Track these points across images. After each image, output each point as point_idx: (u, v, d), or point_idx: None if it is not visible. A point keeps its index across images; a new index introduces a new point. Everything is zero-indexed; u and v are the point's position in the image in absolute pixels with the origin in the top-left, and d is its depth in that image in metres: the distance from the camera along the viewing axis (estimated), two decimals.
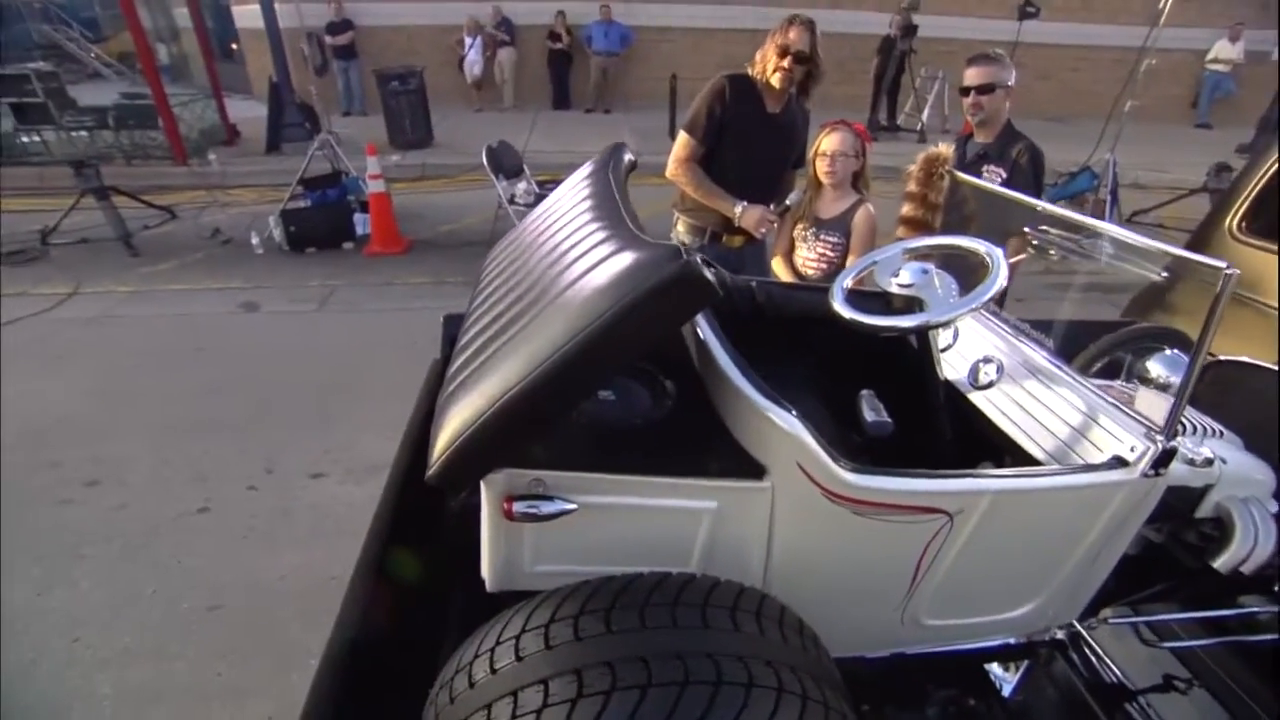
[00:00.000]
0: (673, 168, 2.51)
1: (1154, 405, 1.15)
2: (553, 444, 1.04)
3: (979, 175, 2.38)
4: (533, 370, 0.82)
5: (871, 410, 1.31)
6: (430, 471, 0.88)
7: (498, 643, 0.88)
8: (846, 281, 1.35)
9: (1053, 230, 1.42)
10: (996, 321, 1.50)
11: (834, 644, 1.06)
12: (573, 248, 1.04)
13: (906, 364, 1.40)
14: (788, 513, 1.07)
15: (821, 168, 2.33)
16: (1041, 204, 1.50)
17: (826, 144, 2.32)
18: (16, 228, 5.33)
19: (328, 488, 2.68)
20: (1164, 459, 1.09)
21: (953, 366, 1.48)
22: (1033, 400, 1.32)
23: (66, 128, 7.05)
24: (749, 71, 2.42)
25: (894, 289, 1.32)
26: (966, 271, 1.30)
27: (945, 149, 1.77)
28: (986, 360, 1.42)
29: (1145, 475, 1.10)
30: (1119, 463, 1.11)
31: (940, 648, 1.32)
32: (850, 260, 2.30)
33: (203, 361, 3.64)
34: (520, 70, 10.48)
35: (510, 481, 0.98)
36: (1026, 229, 1.48)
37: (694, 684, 0.79)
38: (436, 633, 1.20)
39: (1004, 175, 2.41)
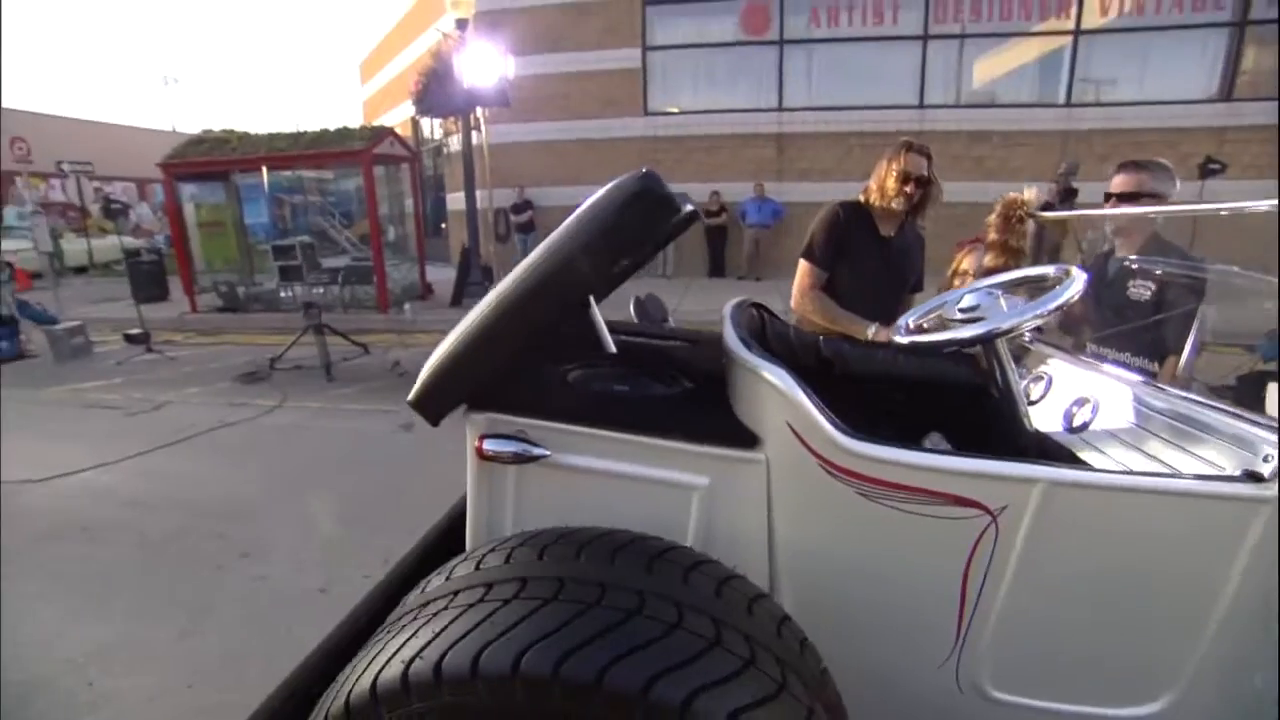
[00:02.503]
0: (798, 298, 2.51)
1: None
2: (541, 396, 1.04)
3: (1123, 295, 2.21)
4: (498, 300, 0.89)
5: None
6: (410, 396, 0.95)
7: (463, 561, 0.90)
8: (910, 320, 1.28)
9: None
10: (1093, 363, 1.31)
11: (869, 713, 0.89)
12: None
13: (988, 417, 1.25)
14: (786, 492, 0.94)
15: (959, 287, 2.28)
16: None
17: (967, 263, 2.27)
18: (257, 355, 6.61)
19: None
20: None
21: (1046, 417, 1.31)
22: (1134, 430, 1.09)
23: (309, 284, 8.82)
24: (860, 199, 2.48)
25: (957, 316, 1.21)
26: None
27: (1028, 193, 1.65)
28: (1080, 402, 1.22)
29: None
30: (1251, 478, 0.83)
31: None
32: None
33: (360, 468, 4.11)
34: (679, 242, 11.52)
35: (491, 425, 1.00)
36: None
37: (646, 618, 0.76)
38: None
39: (1152, 289, 2.14)
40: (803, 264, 2.51)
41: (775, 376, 0.94)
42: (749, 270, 11.18)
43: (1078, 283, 1.07)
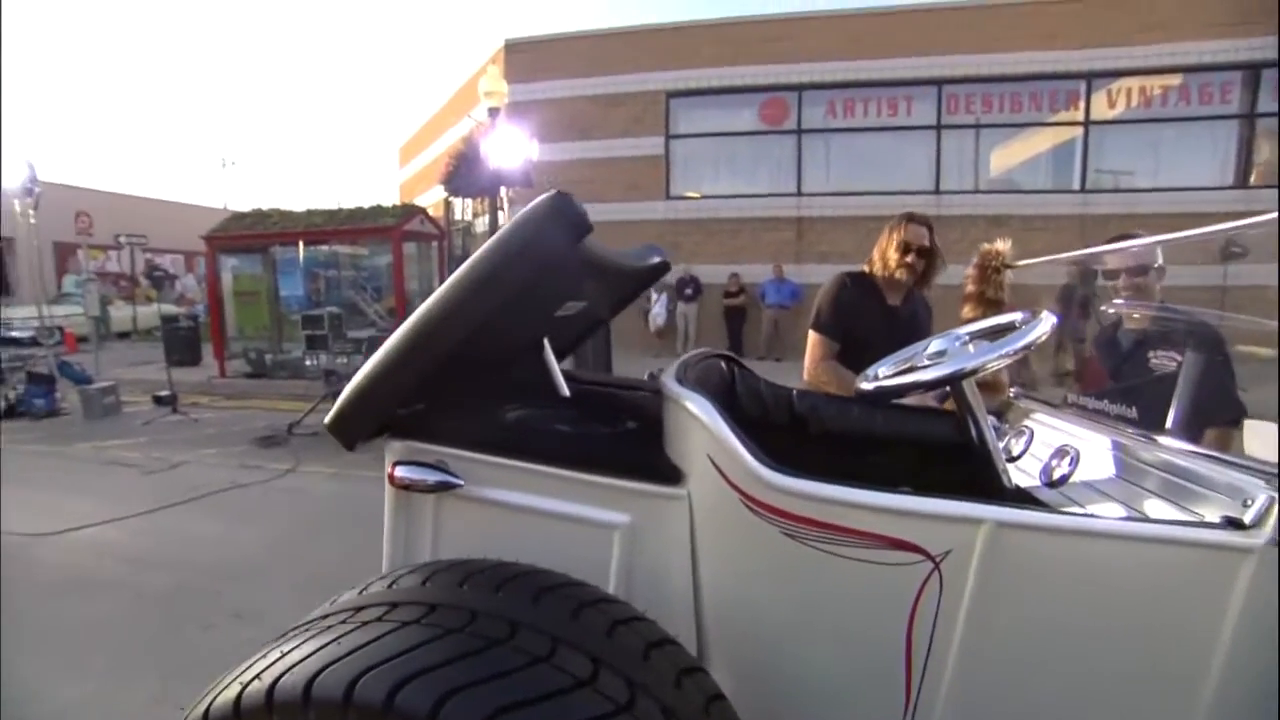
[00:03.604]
0: (811, 369, 2.47)
1: (1271, 439, 0.80)
2: (460, 425, 1.02)
3: (1144, 366, 2.15)
4: (407, 328, 0.89)
5: None
6: (326, 420, 0.96)
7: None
8: (880, 369, 1.23)
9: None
10: (1077, 419, 1.25)
11: None
12: None
13: (969, 475, 1.18)
14: (709, 531, 0.88)
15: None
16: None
17: None
18: (278, 420, 6.70)
19: None
20: None
21: (1026, 473, 1.24)
22: (1116, 481, 1.02)
23: (334, 353, 9.05)
24: (865, 270, 2.50)
25: (925, 363, 1.16)
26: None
27: (1000, 245, 1.60)
28: (1059, 454, 1.15)
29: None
30: (1232, 525, 0.75)
31: None
32: None
33: (365, 532, 4.07)
34: (700, 321, 11.67)
35: (410, 453, 0.99)
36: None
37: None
38: None
39: (1178, 359, 2.14)
40: (813, 335, 2.49)
41: (697, 406, 0.90)
42: (768, 351, 11.21)
43: (1045, 324, 1.04)
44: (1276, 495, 0.73)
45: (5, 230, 10.22)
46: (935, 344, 1.16)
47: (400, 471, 1.02)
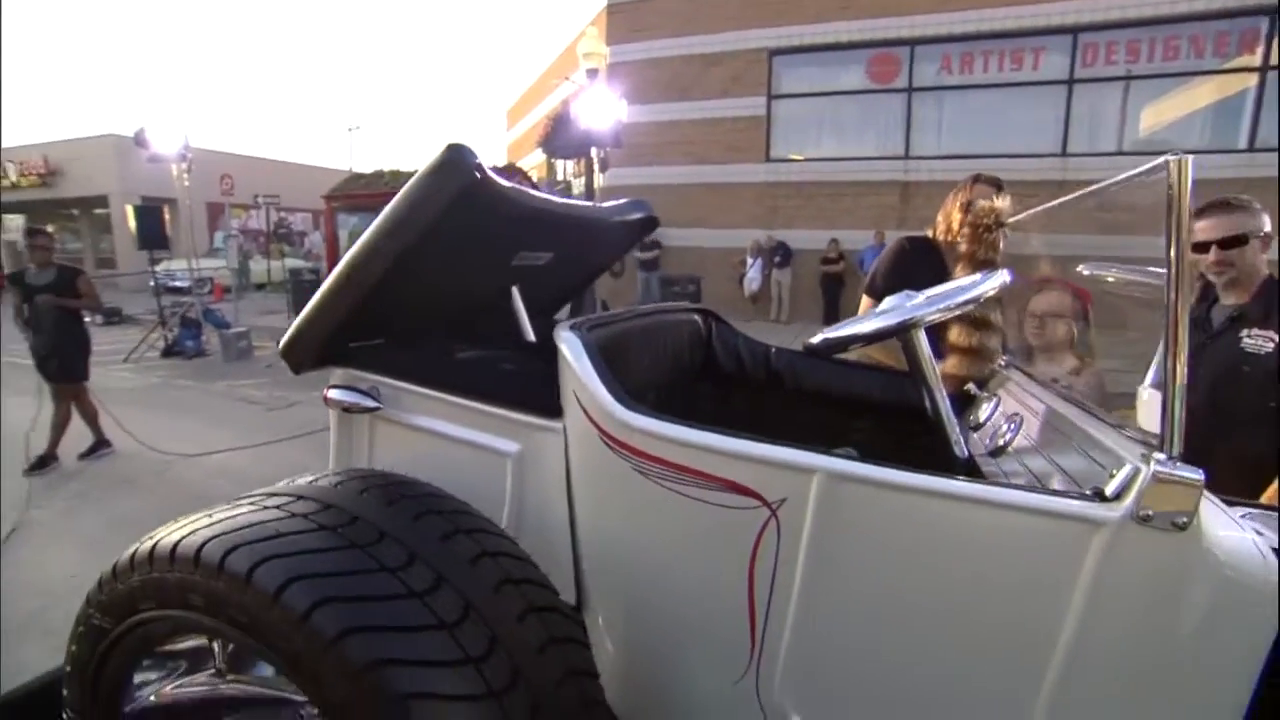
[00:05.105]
0: None
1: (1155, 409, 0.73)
2: (383, 355, 1.14)
3: (1236, 346, 1.98)
4: (338, 269, 1.01)
5: None
6: (279, 347, 1.11)
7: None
8: (832, 333, 1.20)
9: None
10: (1042, 380, 1.20)
11: None
12: None
13: (933, 441, 1.16)
14: (577, 466, 0.94)
15: (1029, 329, 2.04)
16: None
17: (1036, 304, 2.05)
18: None
19: None
20: (1179, 498, 0.64)
21: (986, 439, 1.21)
22: (1034, 446, 0.98)
23: None
24: (929, 234, 2.39)
25: (876, 319, 1.11)
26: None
27: (1000, 201, 1.48)
28: (1010, 421, 1.12)
29: (1139, 519, 0.66)
30: (1098, 496, 0.70)
31: None
32: None
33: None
34: (795, 288, 11.39)
35: (349, 378, 1.12)
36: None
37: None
38: None
39: (1277, 339, 1.88)
40: (864, 300, 2.41)
41: (564, 344, 0.95)
42: None
43: (996, 278, 1.01)
44: (1142, 468, 0.68)
45: (167, 193, 11.47)
46: (888, 300, 1.14)
47: (330, 393, 1.17)
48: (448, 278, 1.18)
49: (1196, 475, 0.66)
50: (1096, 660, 0.71)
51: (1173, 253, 0.65)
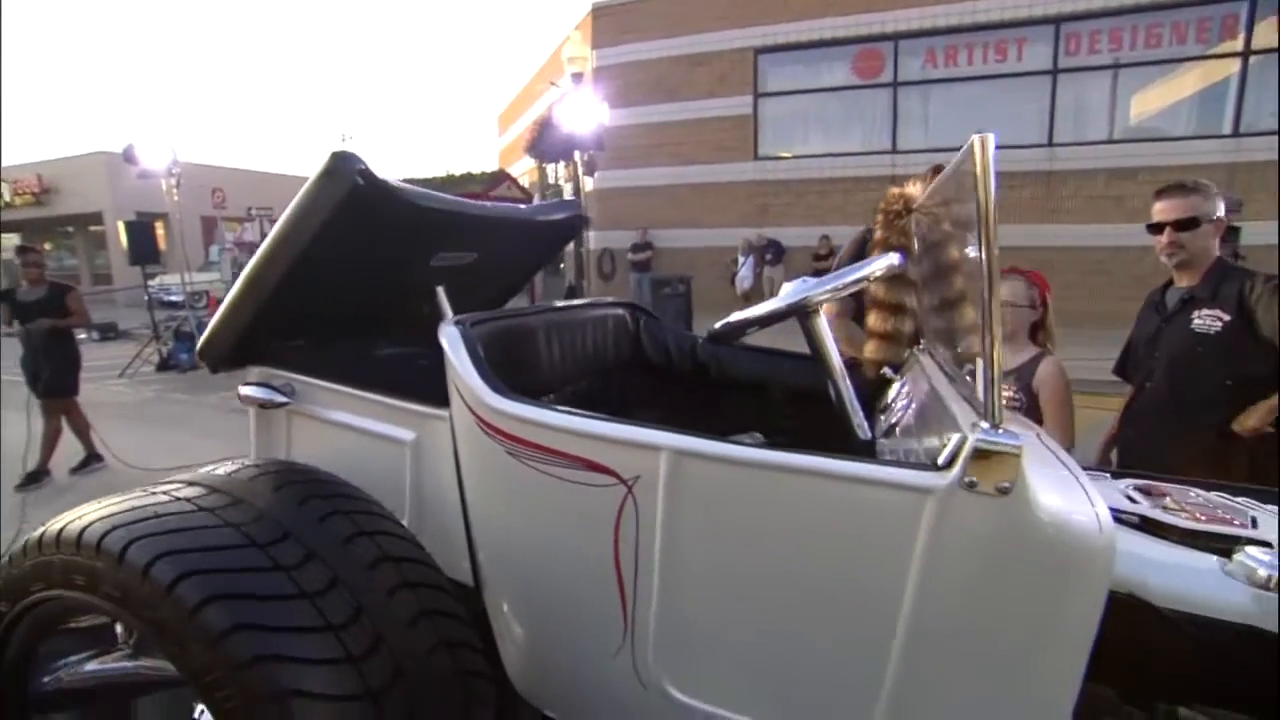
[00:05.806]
0: None
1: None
2: (305, 356, 1.19)
3: (1188, 328, 1.99)
4: (244, 275, 1.07)
5: None
6: (198, 346, 1.17)
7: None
8: (732, 319, 1.17)
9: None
10: (943, 363, 1.18)
11: (559, 703, 0.87)
12: None
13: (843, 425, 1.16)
14: (462, 451, 0.98)
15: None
16: None
17: (1006, 292, 2.03)
18: None
19: None
20: (1001, 466, 0.66)
21: (889, 420, 1.23)
22: (913, 424, 0.99)
23: None
24: None
25: (770, 303, 1.11)
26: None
27: (911, 188, 1.48)
28: (905, 402, 1.13)
29: (965, 485, 0.68)
30: (934, 467, 0.72)
31: None
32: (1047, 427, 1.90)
33: None
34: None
35: (265, 376, 1.18)
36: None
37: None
38: None
39: (1225, 318, 1.92)
40: None
41: (445, 338, 1.00)
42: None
43: (885, 259, 1.04)
44: (969, 437, 0.70)
45: (159, 208, 11.54)
46: (788, 285, 1.14)
47: (243, 390, 1.23)
48: (359, 278, 1.23)
49: (1015, 443, 0.68)
50: (937, 622, 0.74)
51: (983, 231, 0.66)
